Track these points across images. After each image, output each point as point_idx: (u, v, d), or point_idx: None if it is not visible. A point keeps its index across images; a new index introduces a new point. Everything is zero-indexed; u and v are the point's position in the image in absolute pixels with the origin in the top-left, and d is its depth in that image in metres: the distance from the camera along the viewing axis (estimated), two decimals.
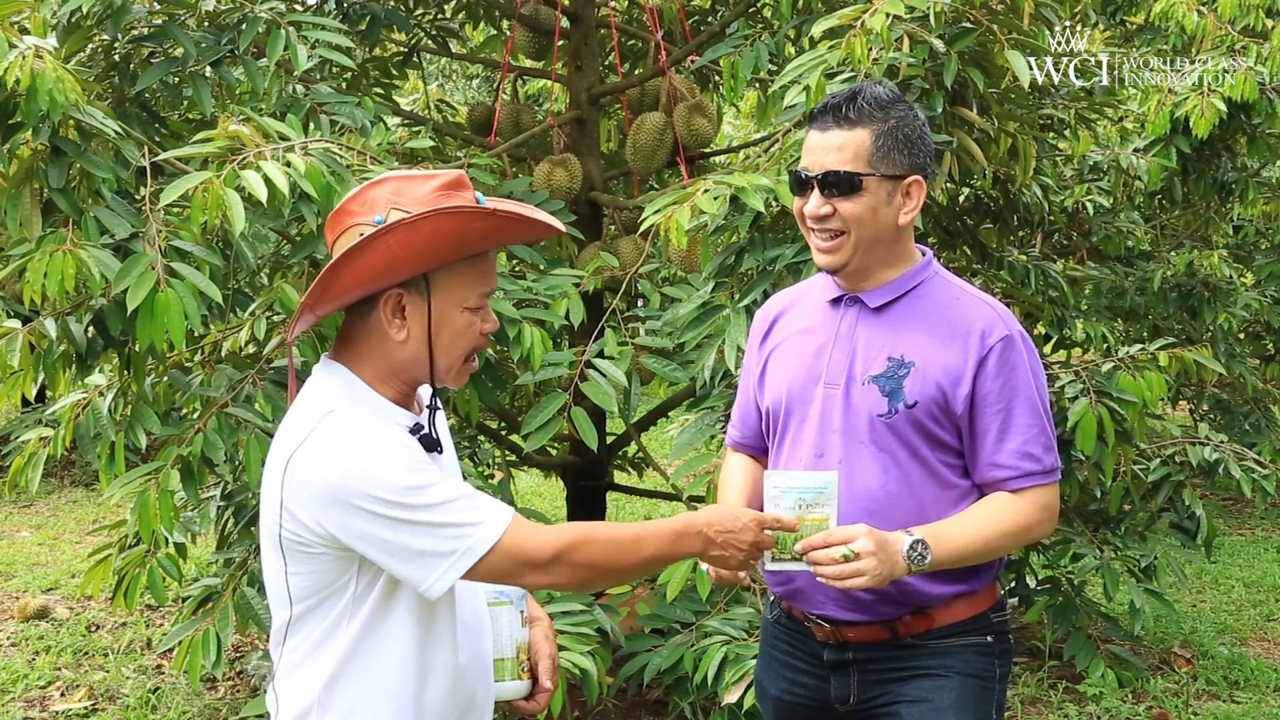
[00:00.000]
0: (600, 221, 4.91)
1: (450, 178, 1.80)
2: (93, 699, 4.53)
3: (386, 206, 1.76)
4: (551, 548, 1.77)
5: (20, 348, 3.23)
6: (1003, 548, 2.14)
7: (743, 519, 1.92)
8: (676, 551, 1.89)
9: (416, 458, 1.76)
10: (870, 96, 2.11)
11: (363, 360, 1.83)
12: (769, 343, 2.33)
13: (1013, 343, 2.13)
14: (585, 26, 4.84)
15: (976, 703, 2.18)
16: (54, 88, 2.97)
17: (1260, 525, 6.98)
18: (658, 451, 8.14)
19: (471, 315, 1.83)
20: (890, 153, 2.10)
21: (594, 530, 1.82)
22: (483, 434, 4.36)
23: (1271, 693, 4.53)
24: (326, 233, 1.84)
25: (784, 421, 2.24)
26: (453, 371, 1.86)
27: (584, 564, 1.79)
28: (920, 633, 2.18)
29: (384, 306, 1.79)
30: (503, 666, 1.97)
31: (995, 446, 2.12)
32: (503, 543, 1.74)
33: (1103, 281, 5.97)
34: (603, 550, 1.81)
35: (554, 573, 1.78)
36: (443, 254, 1.77)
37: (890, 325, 2.17)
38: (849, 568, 1.97)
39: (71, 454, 7.30)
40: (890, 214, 2.12)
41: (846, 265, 2.15)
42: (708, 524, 1.89)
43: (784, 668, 2.32)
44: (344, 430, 1.75)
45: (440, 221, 1.73)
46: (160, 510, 3.32)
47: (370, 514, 1.71)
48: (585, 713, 4.22)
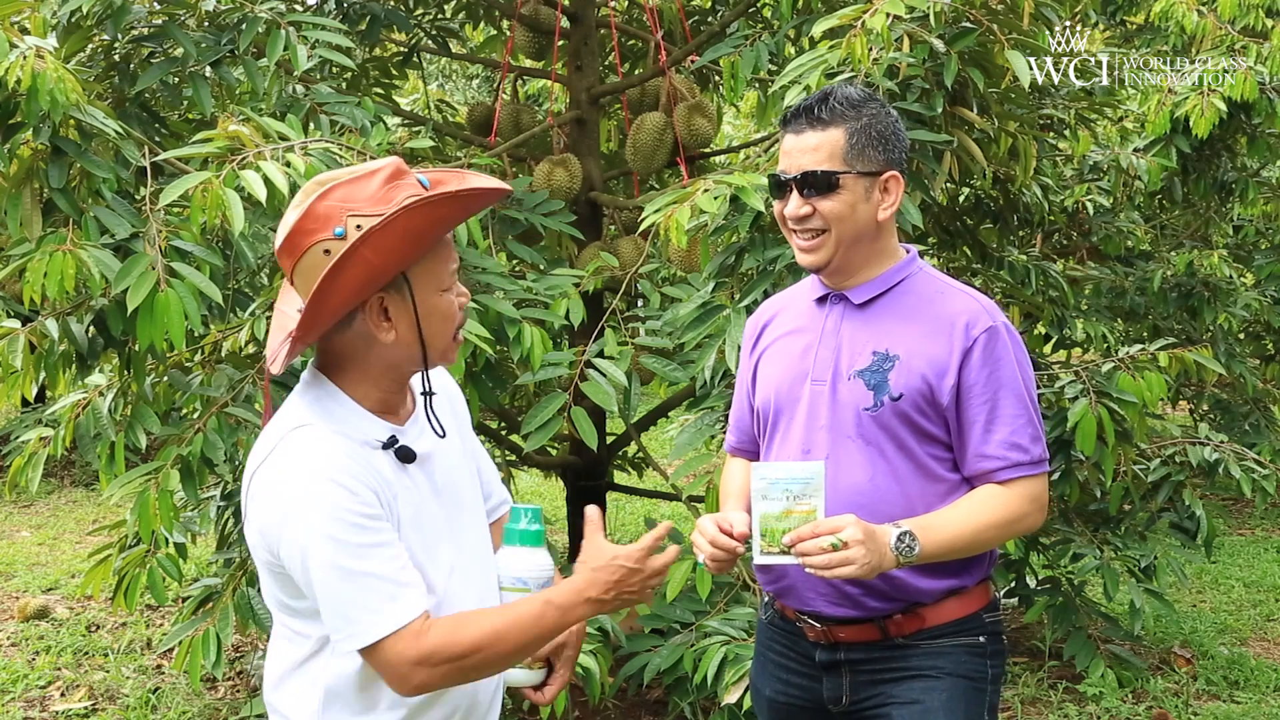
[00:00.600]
0: (600, 221, 4.91)
1: (391, 168, 1.74)
2: (93, 699, 4.53)
3: (342, 216, 1.69)
4: (427, 647, 1.70)
5: (21, 348, 3.24)
6: (992, 540, 2.14)
7: (620, 562, 1.81)
8: (564, 624, 1.79)
9: (363, 510, 1.70)
10: (841, 96, 2.14)
11: (348, 369, 1.79)
12: (759, 346, 2.35)
13: (997, 334, 2.13)
14: (585, 26, 4.84)
15: (968, 704, 2.17)
16: (55, 88, 2.97)
17: (1260, 525, 6.98)
18: (657, 451, 8.14)
19: (448, 294, 1.80)
20: (865, 150, 2.12)
21: (467, 624, 1.74)
22: (483, 434, 4.36)
23: (1271, 693, 4.53)
24: (281, 260, 1.76)
25: (773, 420, 2.26)
26: (445, 352, 1.83)
27: (461, 660, 1.71)
28: (911, 633, 2.18)
29: (369, 314, 1.74)
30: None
31: (982, 437, 2.13)
32: (389, 640, 1.69)
33: (1103, 281, 5.97)
34: (476, 640, 1.72)
35: (421, 672, 1.70)
36: (417, 249, 1.73)
37: (875, 320, 2.18)
38: (836, 557, 1.97)
39: (71, 454, 7.30)
40: (869, 210, 2.15)
41: (829, 263, 2.18)
42: (590, 585, 1.80)
43: (778, 668, 2.32)
44: (298, 456, 1.72)
45: (409, 217, 1.68)
46: (160, 510, 3.32)
47: (303, 551, 1.68)
48: (586, 712, 4.22)
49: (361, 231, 1.67)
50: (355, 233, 1.67)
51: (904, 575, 2.11)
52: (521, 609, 1.77)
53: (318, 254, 1.70)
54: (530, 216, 4.21)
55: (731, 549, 2.12)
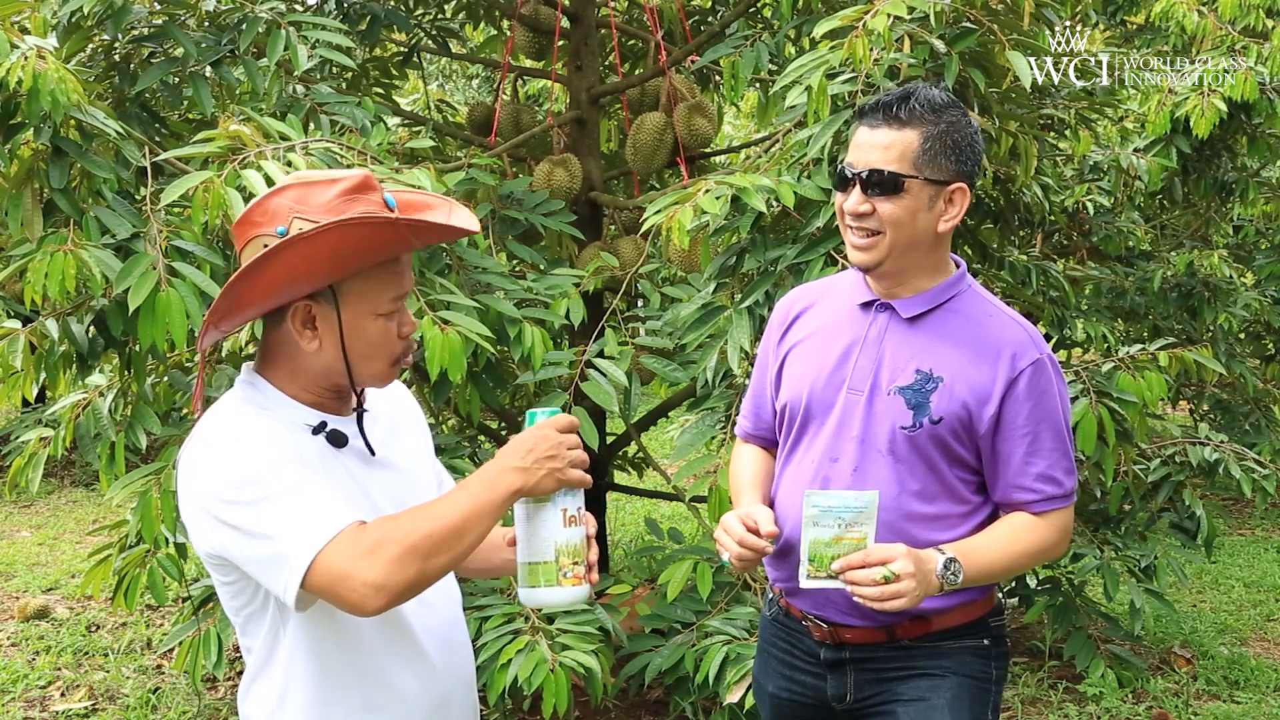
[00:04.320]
0: (600, 221, 4.91)
1: (355, 180, 1.71)
2: (93, 699, 4.53)
3: (289, 216, 1.68)
4: (369, 540, 1.59)
5: (21, 348, 3.24)
6: (1023, 566, 2.15)
7: (541, 433, 1.71)
8: (495, 496, 1.66)
9: (262, 463, 1.64)
10: (924, 98, 2.07)
11: (278, 368, 1.78)
12: (789, 338, 2.29)
13: (1043, 367, 2.11)
14: (585, 26, 4.84)
15: (972, 703, 2.17)
16: (56, 88, 2.97)
17: (1260, 525, 6.98)
18: (658, 452, 8.14)
19: (386, 321, 1.75)
20: (937, 157, 2.06)
21: (401, 514, 1.66)
22: (483, 434, 4.36)
23: (1271, 693, 4.53)
24: (235, 242, 1.77)
25: (801, 422, 2.22)
26: (377, 377, 1.79)
27: (408, 539, 1.60)
28: (918, 635, 2.18)
29: (292, 319, 1.73)
30: (535, 571, 1.74)
31: (1020, 469, 2.11)
32: (326, 551, 1.59)
33: (1103, 281, 5.98)
34: (416, 520, 1.62)
35: (376, 565, 1.57)
36: (346, 265, 1.69)
37: (921, 337, 2.14)
38: (889, 589, 1.96)
39: (71, 454, 7.30)
40: (930, 220, 2.09)
41: (880, 265, 2.12)
42: (511, 453, 1.70)
43: (781, 665, 2.32)
44: (207, 433, 1.70)
45: (343, 234, 1.65)
46: (162, 511, 3.32)
47: (216, 517, 1.65)
48: (587, 712, 4.22)
49: (299, 234, 1.66)
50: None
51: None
52: (448, 495, 1.68)
53: (257, 247, 1.70)
54: (530, 216, 4.21)
55: (760, 549, 2.10)
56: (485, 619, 3.51)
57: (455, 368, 3.26)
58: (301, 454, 1.71)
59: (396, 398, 1.97)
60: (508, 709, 3.96)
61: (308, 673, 1.76)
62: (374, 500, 1.79)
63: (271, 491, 1.63)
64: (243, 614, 1.78)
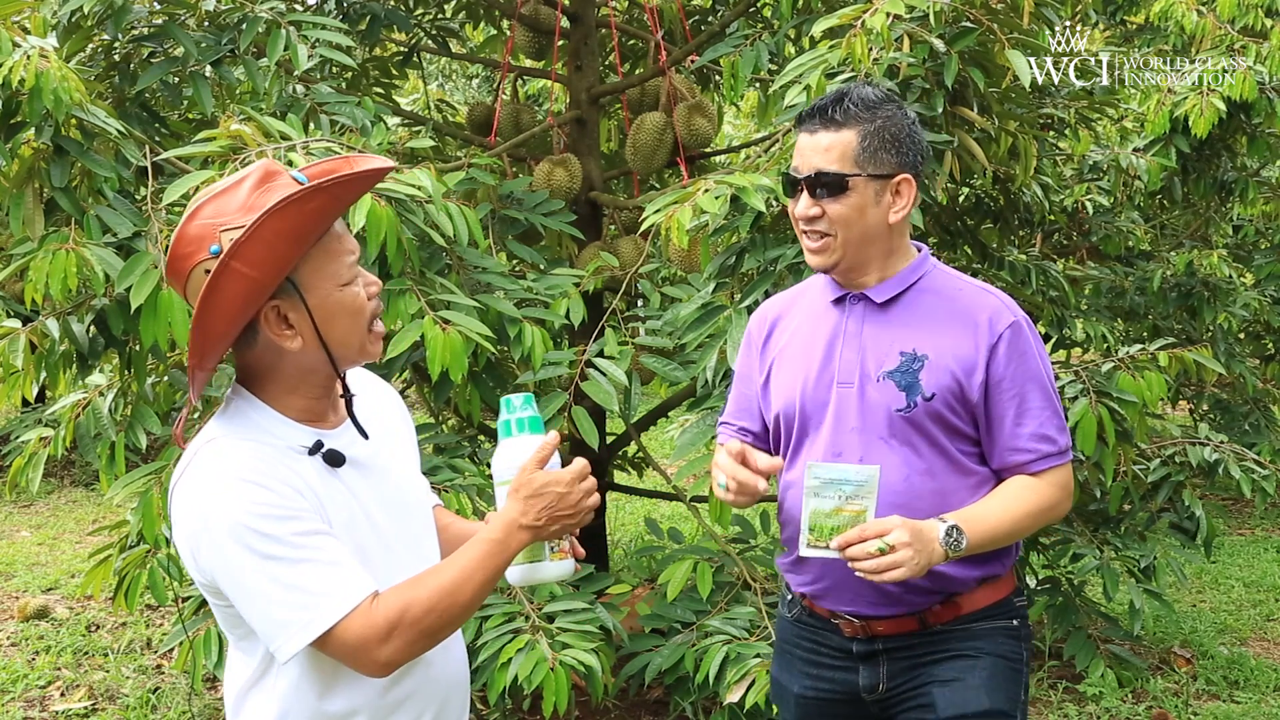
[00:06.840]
0: (600, 221, 4.91)
1: (260, 172, 1.68)
2: (93, 699, 4.53)
3: (215, 232, 1.63)
4: (384, 620, 1.64)
5: (21, 348, 3.24)
6: (1028, 528, 2.18)
7: (553, 487, 1.74)
8: (507, 558, 1.73)
9: (283, 504, 1.64)
10: (857, 98, 2.13)
11: (264, 381, 1.74)
12: (771, 348, 2.32)
13: (1020, 329, 2.16)
14: (585, 26, 4.84)
15: (1006, 683, 2.20)
16: (59, 87, 2.97)
17: (1260, 525, 6.98)
18: (658, 451, 8.14)
19: (351, 287, 1.73)
20: (877, 153, 2.12)
21: (416, 587, 1.69)
22: (483, 434, 4.36)
23: (1271, 693, 4.53)
24: (174, 287, 1.72)
25: (800, 426, 2.23)
26: (364, 347, 1.77)
27: (421, 622, 1.66)
28: (949, 620, 2.20)
29: (266, 326, 1.69)
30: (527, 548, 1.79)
31: (1013, 431, 2.15)
32: (341, 626, 1.62)
33: (1103, 281, 5.98)
34: (431, 598, 1.67)
35: (389, 648, 1.64)
36: (291, 253, 1.65)
37: (897, 320, 2.19)
38: (885, 560, 1.98)
39: (71, 454, 7.30)
40: (879, 214, 2.15)
41: (837, 265, 2.18)
42: (522, 514, 1.73)
43: (806, 664, 2.32)
44: (211, 463, 1.67)
45: (275, 221, 1.61)
46: (162, 510, 3.32)
47: (224, 555, 1.63)
48: (587, 712, 4.22)
49: (234, 242, 1.61)
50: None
51: (943, 567, 2.13)
52: (464, 558, 1.71)
53: (200, 276, 1.65)
54: (530, 216, 4.21)
55: (753, 484, 2.10)
56: (485, 619, 3.51)
57: (456, 367, 3.27)
58: (302, 484, 1.69)
59: (384, 400, 1.95)
60: (508, 708, 3.96)
61: (309, 688, 1.74)
62: (373, 518, 1.79)
63: (284, 553, 1.62)
64: (237, 632, 1.77)
